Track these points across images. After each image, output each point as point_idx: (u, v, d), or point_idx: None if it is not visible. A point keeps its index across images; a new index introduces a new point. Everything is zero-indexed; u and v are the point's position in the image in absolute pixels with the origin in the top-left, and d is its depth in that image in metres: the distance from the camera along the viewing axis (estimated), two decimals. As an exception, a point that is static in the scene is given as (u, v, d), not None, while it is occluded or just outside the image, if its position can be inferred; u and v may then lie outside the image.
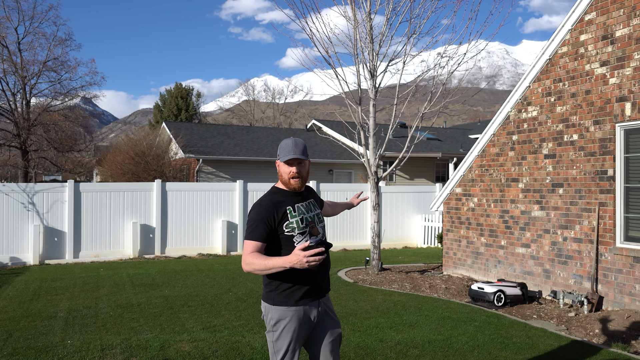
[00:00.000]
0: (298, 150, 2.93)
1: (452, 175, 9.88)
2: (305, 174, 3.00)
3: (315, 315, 2.94)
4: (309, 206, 3.04)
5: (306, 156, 2.98)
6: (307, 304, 2.91)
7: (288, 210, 2.90)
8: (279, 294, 2.87)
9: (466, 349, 5.29)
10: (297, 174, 2.94)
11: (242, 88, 68.14)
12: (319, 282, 2.95)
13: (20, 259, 11.60)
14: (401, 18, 9.45)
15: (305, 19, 9.84)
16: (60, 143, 29.04)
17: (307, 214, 2.97)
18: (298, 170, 2.94)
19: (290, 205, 2.93)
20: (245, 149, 23.80)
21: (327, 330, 3.00)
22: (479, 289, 7.47)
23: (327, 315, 3.03)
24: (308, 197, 3.09)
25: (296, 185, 2.95)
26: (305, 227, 2.92)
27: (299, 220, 2.90)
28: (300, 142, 2.98)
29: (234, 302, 7.44)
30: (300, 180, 2.95)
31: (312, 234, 2.94)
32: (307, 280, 2.89)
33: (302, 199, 3.02)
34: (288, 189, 2.99)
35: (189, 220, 13.01)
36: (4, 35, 27.77)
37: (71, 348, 5.30)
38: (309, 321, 2.93)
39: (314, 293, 2.93)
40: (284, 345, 2.85)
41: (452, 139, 28.93)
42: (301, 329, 2.89)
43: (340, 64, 10.00)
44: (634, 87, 6.54)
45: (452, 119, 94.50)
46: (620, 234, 6.76)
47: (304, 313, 2.90)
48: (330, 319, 3.04)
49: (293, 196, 2.98)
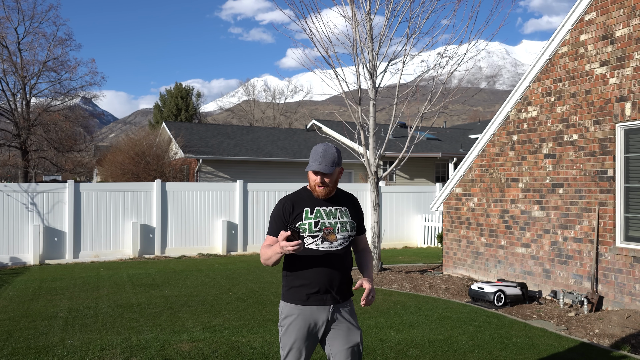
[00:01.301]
0: (325, 162, 2.90)
1: (452, 175, 9.88)
2: (333, 183, 2.96)
3: (323, 321, 2.92)
4: (335, 213, 2.99)
5: (335, 166, 2.93)
6: (315, 305, 2.91)
7: (305, 211, 2.94)
8: (287, 291, 2.98)
9: (466, 349, 5.29)
10: (321, 184, 2.94)
11: (242, 88, 68.14)
12: (326, 286, 2.91)
13: (20, 259, 11.60)
14: (401, 18, 9.45)
15: (305, 19, 9.85)
16: (60, 143, 29.05)
17: (327, 219, 2.95)
18: (322, 180, 2.93)
19: (310, 206, 2.96)
20: (245, 149, 23.81)
21: (339, 342, 2.94)
22: (479, 289, 7.48)
23: (341, 327, 2.95)
24: (340, 204, 3.03)
25: (320, 193, 2.95)
26: (319, 230, 2.91)
27: (312, 223, 2.91)
28: (330, 152, 2.92)
29: (234, 302, 7.44)
30: (325, 189, 2.95)
31: (325, 239, 2.92)
32: (313, 282, 2.90)
33: (328, 204, 2.99)
34: (314, 193, 3.00)
35: (189, 220, 13.01)
36: (4, 35, 27.78)
37: (71, 348, 5.30)
38: (316, 325, 2.91)
39: (321, 297, 2.92)
40: (289, 342, 2.91)
41: (452, 139, 28.93)
42: (308, 330, 2.90)
43: (340, 64, 10.02)
44: (634, 87, 6.54)
45: (452, 119, 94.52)
46: (620, 234, 6.76)
47: (311, 314, 2.90)
48: (344, 332, 2.95)
49: (318, 199, 2.98)
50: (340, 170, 3.00)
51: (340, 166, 3.00)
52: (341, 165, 3.00)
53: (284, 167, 23.64)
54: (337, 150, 2.96)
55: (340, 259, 2.96)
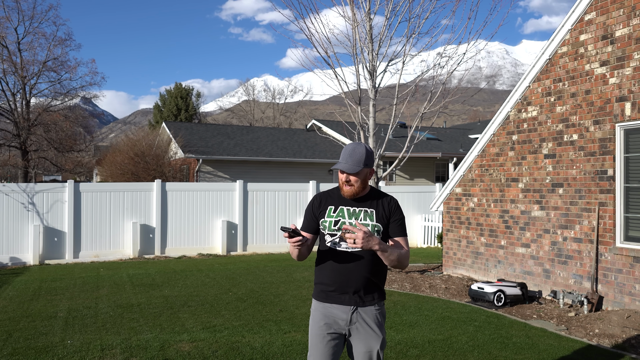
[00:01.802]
0: (352, 161, 2.84)
1: (452, 175, 9.88)
2: (360, 183, 2.87)
3: (344, 320, 2.88)
4: (358, 213, 2.91)
5: (361, 166, 2.84)
6: (333, 303, 2.90)
7: (329, 208, 2.94)
8: (314, 287, 3.03)
9: (466, 349, 5.29)
10: (347, 183, 2.88)
11: (242, 88, 68.15)
12: (343, 286, 2.88)
13: (20, 259, 11.60)
14: (400, 18, 9.45)
15: (304, 19, 9.86)
16: (60, 143, 29.04)
17: (348, 219, 2.89)
18: (347, 179, 2.87)
19: (335, 205, 2.94)
20: (245, 149, 23.80)
21: (357, 346, 2.90)
22: (479, 289, 7.48)
23: (360, 331, 2.89)
24: (367, 205, 2.93)
25: (347, 193, 2.90)
26: (337, 230, 2.88)
27: (332, 222, 2.90)
28: (358, 152, 2.86)
29: (234, 302, 7.44)
30: (350, 189, 2.88)
31: (343, 240, 2.86)
32: (330, 281, 2.91)
33: (354, 204, 2.92)
34: (341, 192, 2.95)
35: (188, 220, 13.02)
36: (4, 35, 27.77)
37: (71, 348, 5.30)
38: (336, 324, 2.89)
39: (338, 296, 2.89)
40: (310, 336, 2.96)
41: (452, 139, 28.92)
42: (326, 326, 2.90)
43: (339, 64, 10.02)
44: (634, 87, 6.54)
45: (452, 119, 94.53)
46: (620, 234, 6.76)
47: (330, 312, 2.90)
48: (362, 336, 2.88)
49: (345, 198, 2.94)
50: (369, 171, 2.91)
51: (371, 167, 2.90)
52: (372, 166, 2.92)
53: (283, 167, 23.65)
54: (366, 151, 2.87)
55: (361, 260, 2.86)
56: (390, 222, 2.94)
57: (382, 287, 2.99)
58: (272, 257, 12.45)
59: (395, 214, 2.95)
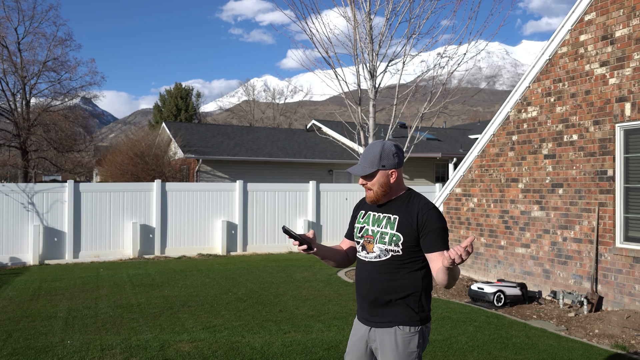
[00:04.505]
0: (364, 162, 2.53)
1: (452, 175, 9.89)
2: (377, 188, 2.53)
3: (364, 335, 2.60)
4: (381, 221, 2.56)
5: (373, 167, 2.50)
6: (356, 318, 2.70)
7: (360, 214, 2.72)
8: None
9: (466, 349, 5.29)
10: (366, 187, 2.58)
11: (242, 88, 68.17)
12: (363, 304, 2.62)
13: (20, 259, 11.60)
14: (401, 18, 9.46)
15: (305, 20, 9.86)
16: (60, 143, 29.03)
17: (370, 227, 2.60)
18: (363, 183, 2.56)
19: (365, 210, 2.69)
20: (245, 149, 23.80)
21: None
22: (479, 289, 7.48)
23: (378, 355, 2.56)
24: (392, 211, 2.55)
25: (368, 199, 2.60)
26: (361, 237, 2.63)
27: (358, 228, 2.66)
28: (371, 151, 2.53)
29: (234, 302, 7.44)
30: (371, 193, 2.55)
31: (364, 248, 2.62)
32: (357, 291, 2.70)
33: (378, 210, 2.60)
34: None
35: (188, 221, 13.01)
36: (4, 35, 27.75)
37: (71, 348, 5.30)
38: (363, 337, 2.62)
39: (359, 311, 2.66)
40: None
41: (452, 139, 28.92)
42: (358, 338, 2.64)
43: (340, 65, 10.03)
44: (634, 87, 6.54)
45: (452, 119, 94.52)
46: (620, 234, 6.76)
47: (360, 325, 2.65)
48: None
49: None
50: (386, 172, 2.52)
51: (388, 168, 2.51)
52: (389, 167, 2.52)
53: (283, 167, 23.64)
54: (382, 149, 2.51)
55: (380, 273, 2.51)
56: (422, 234, 2.46)
57: (411, 305, 2.48)
58: (272, 257, 12.45)
59: (429, 225, 2.45)
